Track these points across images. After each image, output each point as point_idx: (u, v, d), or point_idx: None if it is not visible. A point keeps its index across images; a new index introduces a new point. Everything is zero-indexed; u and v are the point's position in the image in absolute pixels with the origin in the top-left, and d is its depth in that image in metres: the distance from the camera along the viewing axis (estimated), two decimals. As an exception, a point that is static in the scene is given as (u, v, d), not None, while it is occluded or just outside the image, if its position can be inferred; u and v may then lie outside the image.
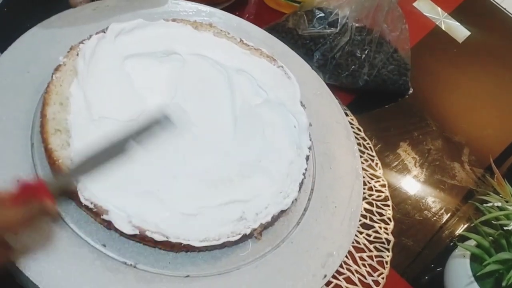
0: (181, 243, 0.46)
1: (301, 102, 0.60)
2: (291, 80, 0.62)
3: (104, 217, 0.45)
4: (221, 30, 0.64)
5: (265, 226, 0.52)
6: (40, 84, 0.54)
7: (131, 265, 0.48)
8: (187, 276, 0.49)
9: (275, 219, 0.53)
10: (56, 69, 0.52)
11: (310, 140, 0.60)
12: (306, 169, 0.57)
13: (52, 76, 0.52)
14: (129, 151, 0.42)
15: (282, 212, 0.53)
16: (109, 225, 0.46)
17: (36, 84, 0.55)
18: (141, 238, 0.46)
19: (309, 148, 0.58)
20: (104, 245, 0.48)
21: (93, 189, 0.45)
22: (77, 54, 0.54)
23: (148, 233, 0.45)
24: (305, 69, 0.72)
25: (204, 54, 0.60)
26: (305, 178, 0.57)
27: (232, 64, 0.60)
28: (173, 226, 0.46)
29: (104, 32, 0.56)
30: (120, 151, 0.42)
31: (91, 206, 0.45)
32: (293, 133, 0.59)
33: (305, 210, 0.59)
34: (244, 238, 0.50)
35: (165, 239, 0.46)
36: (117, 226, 0.45)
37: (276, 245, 0.55)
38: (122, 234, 0.46)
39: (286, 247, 0.55)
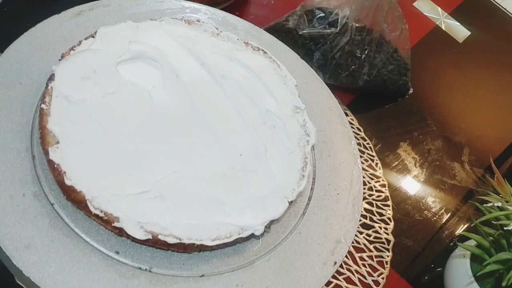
0: (194, 244, 0.46)
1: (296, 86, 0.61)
2: (283, 71, 0.62)
3: (116, 224, 0.45)
4: (216, 29, 0.63)
5: (273, 220, 0.52)
6: (35, 94, 0.54)
7: (146, 269, 0.48)
8: (202, 275, 0.49)
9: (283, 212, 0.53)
10: (50, 78, 0.51)
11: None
12: (307, 159, 0.56)
13: (47, 86, 0.50)
14: None
15: (289, 204, 0.53)
16: (120, 232, 0.45)
17: (30, 95, 0.54)
18: (154, 242, 0.46)
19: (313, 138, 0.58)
20: (117, 252, 0.47)
21: (102, 197, 0.45)
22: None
23: (160, 237, 0.45)
24: (292, 57, 0.71)
25: (195, 50, 0.59)
26: (307, 168, 0.56)
27: (223, 58, 0.60)
28: (185, 227, 0.46)
29: (93, 37, 0.55)
30: None
31: (101, 214, 0.45)
32: (295, 121, 0.59)
33: (309, 199, 0.59)
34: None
35: (178, 241, 0.45)
36: (129, 232, 0.45)
37: (285, 237, 0.55)
38: (134, 240, 0.46)
39: (295, 237, 0.55)
